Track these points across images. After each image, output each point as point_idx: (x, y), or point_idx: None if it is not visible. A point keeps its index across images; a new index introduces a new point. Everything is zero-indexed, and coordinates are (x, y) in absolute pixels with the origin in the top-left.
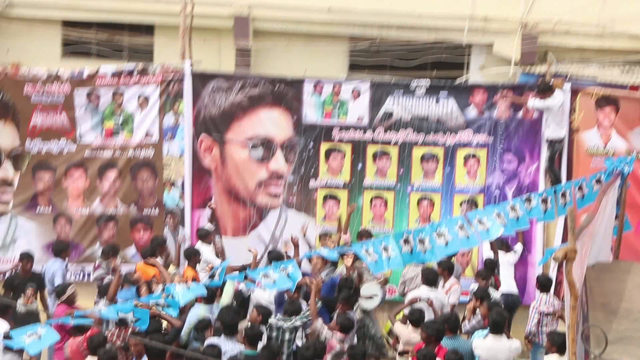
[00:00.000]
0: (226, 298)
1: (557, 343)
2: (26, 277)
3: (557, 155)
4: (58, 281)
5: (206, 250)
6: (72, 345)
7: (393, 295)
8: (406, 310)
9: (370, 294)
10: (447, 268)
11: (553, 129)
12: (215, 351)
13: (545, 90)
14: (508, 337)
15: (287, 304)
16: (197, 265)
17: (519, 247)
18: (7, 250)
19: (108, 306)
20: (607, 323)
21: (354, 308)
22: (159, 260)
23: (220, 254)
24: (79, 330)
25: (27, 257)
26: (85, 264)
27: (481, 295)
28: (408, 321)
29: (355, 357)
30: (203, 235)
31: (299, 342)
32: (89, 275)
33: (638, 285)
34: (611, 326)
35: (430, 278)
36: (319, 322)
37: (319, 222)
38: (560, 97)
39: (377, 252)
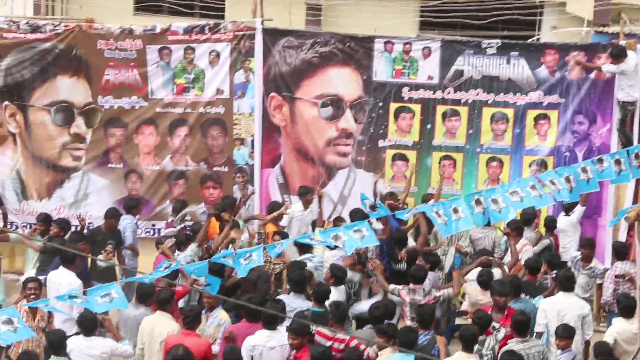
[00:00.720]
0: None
1: (621, 305)
2: (108, 233)
3: (629, 116)
4: (128, 237)
5: (298, 208)
6: None
7: None
8: (475, 271)
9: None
10: (515, 228)
11: (626, 91)
12: (280, 306)
13: (618, 55)
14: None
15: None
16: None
17: (579, 208)
18: (79, 206)
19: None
20: None
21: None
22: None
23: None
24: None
25: (112, 214)
26: (156, 221)
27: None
28: (476, 282)
29: (424, 315)
30: (302, 194)
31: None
32: (159, 231)
33: None
34: None
35: None
36: (391, 286)
37: (387, 182)
38: (634, 58)
39: (447, 214)
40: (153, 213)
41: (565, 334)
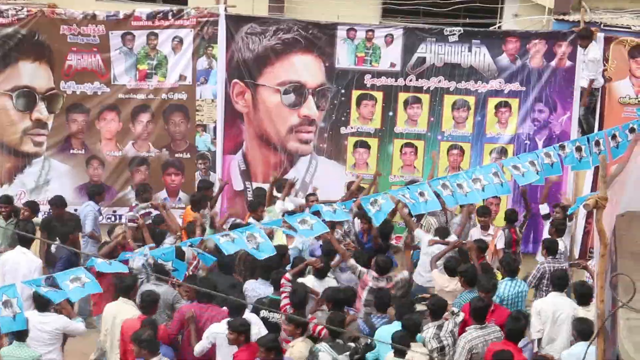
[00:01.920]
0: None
1: (578, 293)
2: (58, 220)
3: (594, 104)
4: (88, 224)
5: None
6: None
7: None
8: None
9: None
10: (486, 213)
11: (598, 79)
12: (237, 290)
13: (587, 36)
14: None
15: (324, 244)
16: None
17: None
18: (40, 191)
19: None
20: (635, 272)
21: None
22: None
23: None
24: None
25: (55, 202)
26: (117, 207)
27: None
28: (443, 269)
29: (382, 299)
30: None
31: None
32: (120, 217)
33: None
34: None
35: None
36: (352, 260)
37: (348, 169)
38: (596, 46)
39: (413, 197)
40: (115, 199)
41: None
